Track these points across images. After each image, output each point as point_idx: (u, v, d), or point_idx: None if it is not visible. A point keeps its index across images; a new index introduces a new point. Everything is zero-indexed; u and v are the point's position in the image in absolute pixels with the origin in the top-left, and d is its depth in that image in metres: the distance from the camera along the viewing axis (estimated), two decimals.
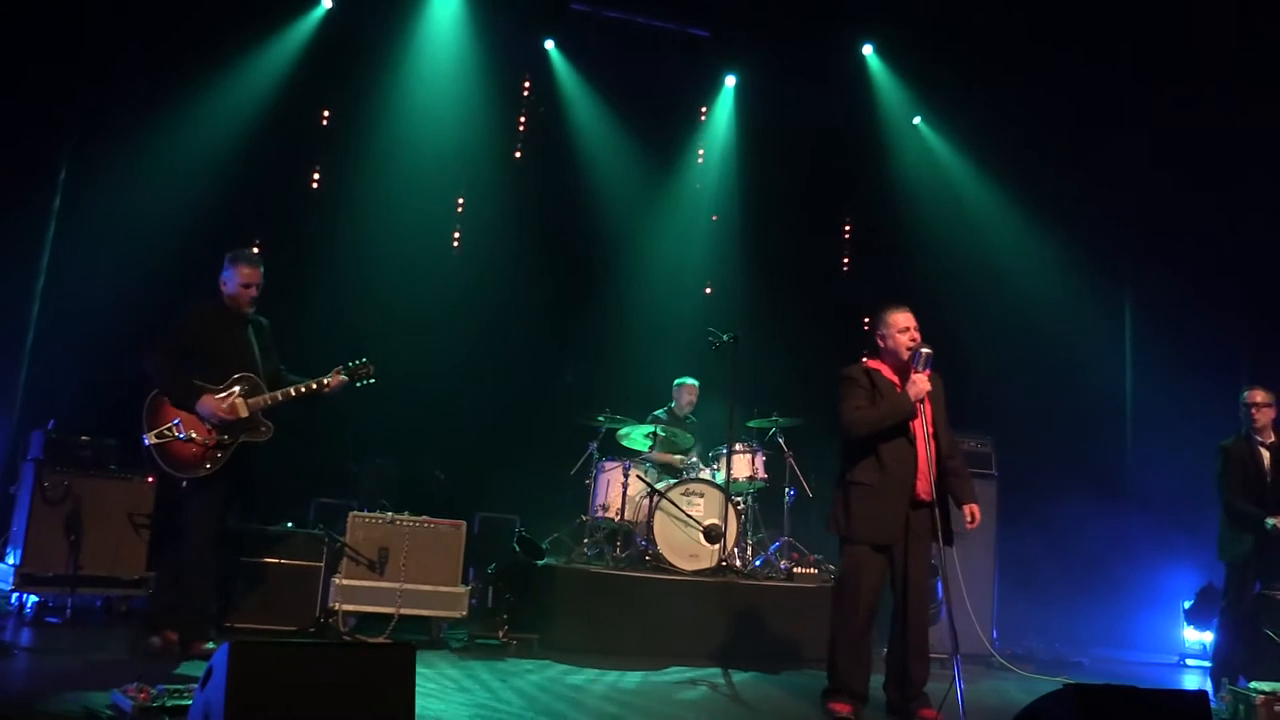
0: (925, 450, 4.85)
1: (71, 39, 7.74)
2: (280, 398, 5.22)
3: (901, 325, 4.98)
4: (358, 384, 5.42)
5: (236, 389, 5.15)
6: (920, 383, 4.82)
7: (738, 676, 5.71)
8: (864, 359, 5.14)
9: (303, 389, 5.28)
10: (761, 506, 7.87)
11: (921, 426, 4.85)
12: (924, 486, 4.85)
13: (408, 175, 9.03)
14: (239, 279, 5.24)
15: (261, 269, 5.32)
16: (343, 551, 6.07)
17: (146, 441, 5.04)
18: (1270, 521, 5.88)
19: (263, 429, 5.21)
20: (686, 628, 6.41)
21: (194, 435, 5.05)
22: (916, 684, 4.82)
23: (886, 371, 5.00)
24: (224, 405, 5.08)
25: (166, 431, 5.04)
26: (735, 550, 7.12)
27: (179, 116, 8.16)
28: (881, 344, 5.05)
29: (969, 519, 5.01)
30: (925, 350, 4.87)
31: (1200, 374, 8.52)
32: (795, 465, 7.68)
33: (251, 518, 6.23)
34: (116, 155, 7.87)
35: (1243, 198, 8.55)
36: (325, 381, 5.32)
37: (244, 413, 5.13)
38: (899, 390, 4.88)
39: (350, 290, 8.69)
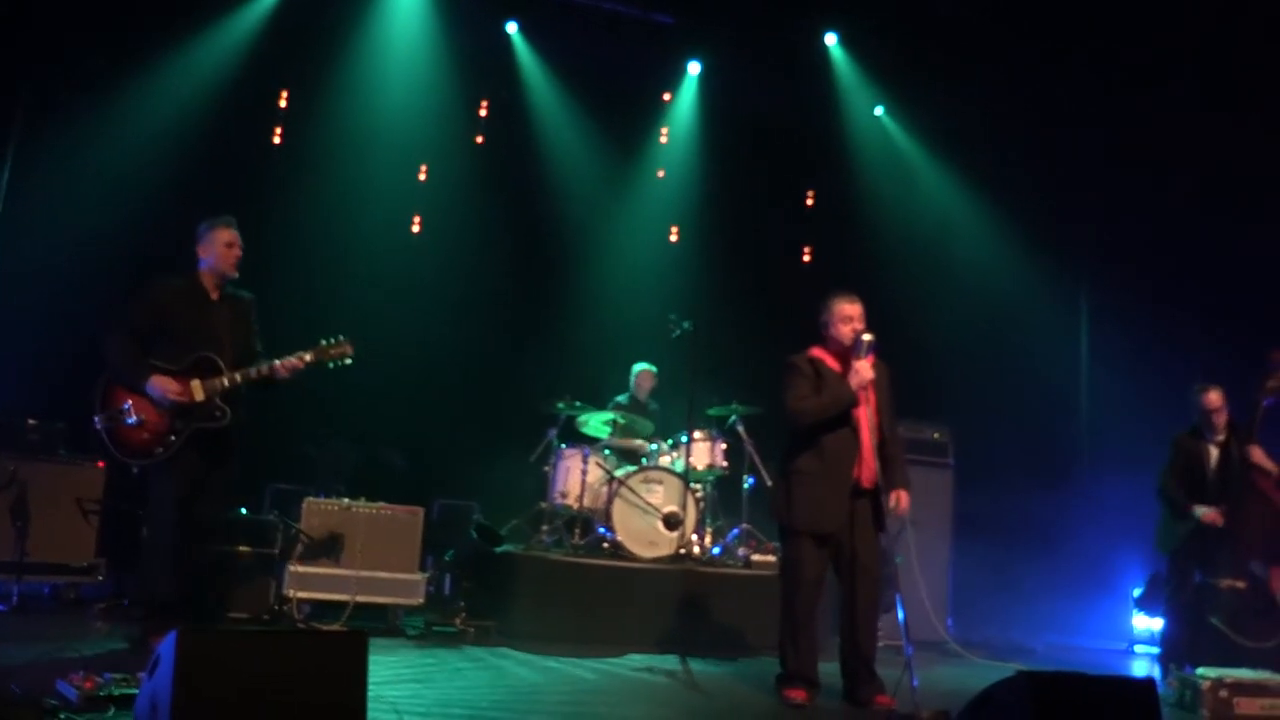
0: (869, 439, 4.88)
1: (24, 11, 7.56)
2: (239, 379, 4.87)
3: (845, 314, 4.97)
4: (330, 365, 4.96)
5: (195, 371, 4.87)
6: (863, 370, 4.83)
7: (695, 664, 5.73)
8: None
9: (252, 373, 4.90)
10: (720, 494, 7.89)
11: (865, 415, 4.87)
12: (867, 475, 4.88)
13: (367, 155, 8.92)
14: (221, 239, 5.02)
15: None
16: (297, 538, 6.00)
17: (97, 424, 4.87)
18: (1199, 511, 6.00)
19: (217, 414, 4.85)
20: (645, 615, 6.41)
21: (144, 418, 4.82)
22: (865, 663, 4.86)
23: (830, 360, 5.01)
24: (176, 387, 4.79)
25: (117, 414, 4.84)
26: (694, 538, 7.13)
27: (133, 93, 7.99)
28: (826, 332, 5.06)
29: (892, 503, 4.95)
30: (867, 337, 4.89)
31: (1154, 366, 8.64)
32: (755, 453, 7.70)
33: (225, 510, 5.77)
34: (67, 132, 7.71)
35: (1200, 193, 8.66)
36: (276, 364, 4.91)
37: (199, 396, 4.82)
38: (842, 378, 4.89)
39: (309, 274, 8.57)
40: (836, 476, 4.84)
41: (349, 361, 5.02)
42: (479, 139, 9.63)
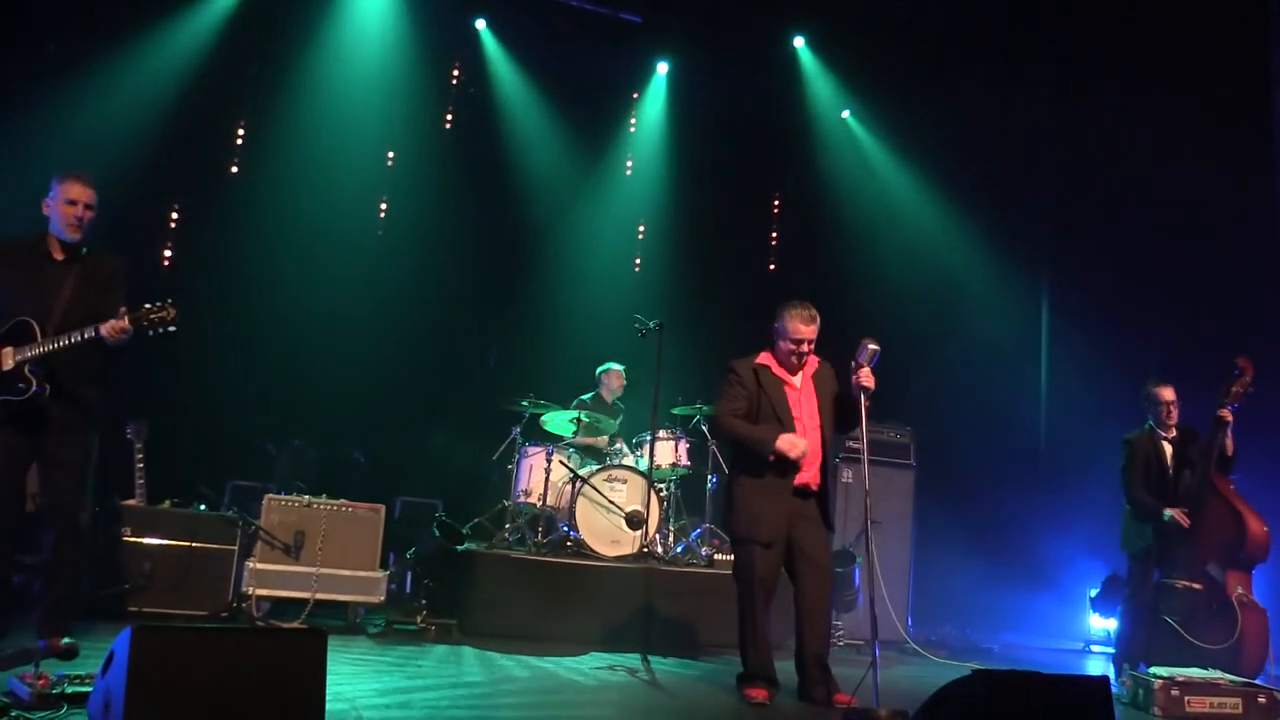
0: (811, 441, 4.88)
1: None
2: (53, 347, 4.32)
3: (797, 334, 4.90)
4: (150, 332, 4.34)
5: (10, 338, 4.37)
6: (796, 445, 4.75)
7: (657, 662, 5.73)
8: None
9: (77, 337, 4.32)
10: (684, 493, 7.91)
11: (803, 416, 4.90)
12: (812, 476, 4.91)
13: (333, 151, 8.87)
14: (62, 196, 4.47)
15: (94, 190, 4.52)
16: (257, 535, 5.94)
17: None
18: (1168, 513, 6.05)
19: (20, 384, 4.31)
20: (607, 614, 6.41)
21: None
22: (816, 660, 4.87)
23: (775, 367, 5.01)
24: None
25: None
26: (657, 537, 7.14)
27: (95, 81, 7.89)
28: (775, 339, 5.03)
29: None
30: (873, 347, 4.77)
31: (1113, 368, 8.77)
32: (718, 452, 7.72)
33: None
34: (25, 122, 7.57)
35: (1155, 193, 8.78)
36: (102, 327, 4.30)
37: (8, 365, 4.32)
38: (786, 387, 4.92)
39: (271, 270, 8.50)
40: (775, 484, 4.86)
41: (173, 329, 4.37)
42: (446, 128, 9.58)
